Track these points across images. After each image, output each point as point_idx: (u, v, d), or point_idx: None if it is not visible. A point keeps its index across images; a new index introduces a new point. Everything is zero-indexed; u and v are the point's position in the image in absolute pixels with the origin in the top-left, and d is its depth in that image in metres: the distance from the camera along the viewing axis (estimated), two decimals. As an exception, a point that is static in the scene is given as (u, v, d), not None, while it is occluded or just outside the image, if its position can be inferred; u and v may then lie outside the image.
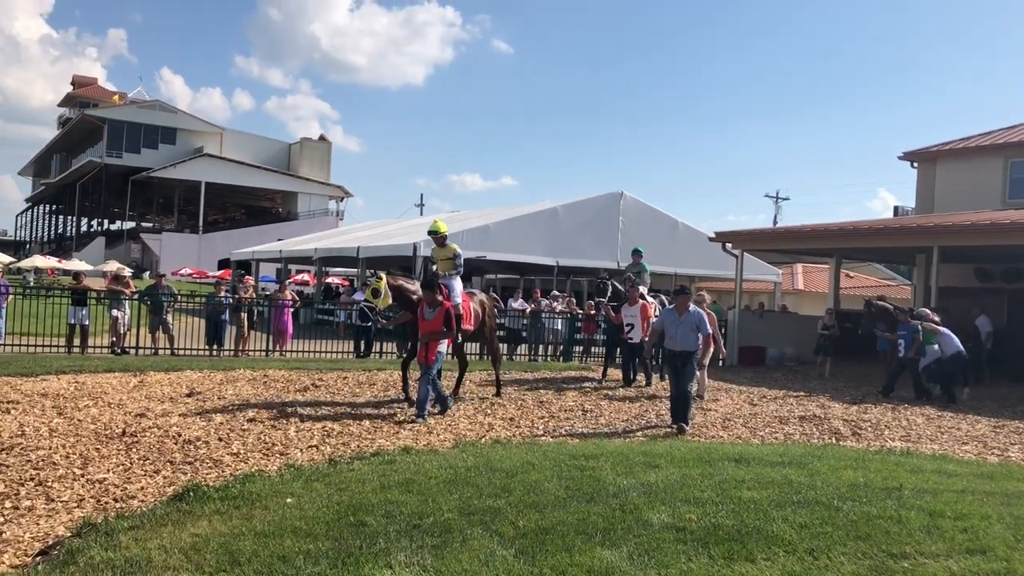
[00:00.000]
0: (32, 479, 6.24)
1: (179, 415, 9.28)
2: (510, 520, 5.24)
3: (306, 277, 47.57)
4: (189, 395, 10.87)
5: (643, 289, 15.19)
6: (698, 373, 12.75)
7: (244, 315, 18.38)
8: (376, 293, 10.40)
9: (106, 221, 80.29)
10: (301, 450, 7.75)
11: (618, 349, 15.55)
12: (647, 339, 13.43)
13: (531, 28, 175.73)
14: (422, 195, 74.88)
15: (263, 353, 17.91)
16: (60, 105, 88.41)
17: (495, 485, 6.17)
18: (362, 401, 11.09)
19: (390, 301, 10.51)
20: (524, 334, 20.92)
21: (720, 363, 18.04)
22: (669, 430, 10.13)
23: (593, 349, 20.26)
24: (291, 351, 18.32)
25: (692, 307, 10.34)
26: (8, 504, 5.56)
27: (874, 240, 20.41)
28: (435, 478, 6.38)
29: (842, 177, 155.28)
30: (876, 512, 5.48)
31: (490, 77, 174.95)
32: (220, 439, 8.06)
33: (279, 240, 47.27)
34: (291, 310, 19.73)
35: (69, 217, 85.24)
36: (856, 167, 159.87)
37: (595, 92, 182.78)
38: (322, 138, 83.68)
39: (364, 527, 5.01)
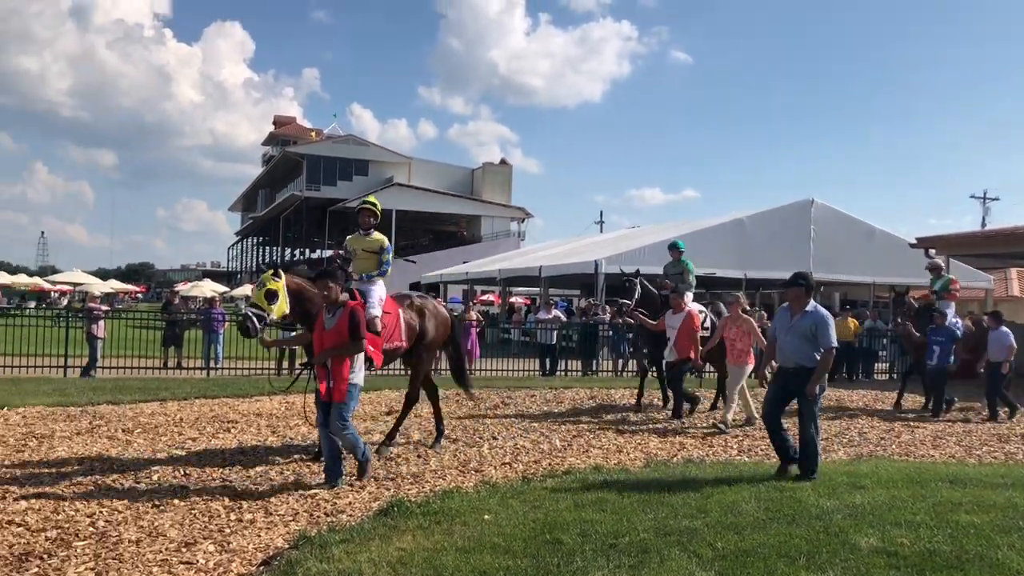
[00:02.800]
0: (252, 494, 6.71)
1: (380, 433, 9.72)
2: (708, 541, 5.13)
3: (491, 297, 48.70)
4: (388, 413, 11.36)
5: (689, 296, 12.38)
6: (733, 393, 10.76)
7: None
8: (270, 296, 7.51)
9: (307, 250, 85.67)
10: (495, 467, 7.92)
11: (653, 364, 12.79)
12: (759, 366, 10.85)
13: (710, 36, 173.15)
14: (601, 212, 75.16)
15: (454, 373, 18.43)
16: (263, 144, 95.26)
17: (690, 505, 6.07)
18: (550, 419, 11.19)
19: (287, 310, 7.62)
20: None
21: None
22: (875, 449, 9.59)
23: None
24: (479, 370, 18.78)
25: (812, 305, 7.45)
26: (233, 517, 6.01)
27: (1102, 239, 18.52)
28: (628, 497, 6.35)
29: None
30: (1121, 541, 4.96)
31: (669, 89, 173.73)
32: (419, 456, 8.37)
33: (464, 262, 48.66)
34: (476, 330, 20.25)
35: (274, 248, 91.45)
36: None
37: (779, 96, 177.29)
38: (503, 162, 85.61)
39: (560, 545, 5.05)
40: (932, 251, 21.14)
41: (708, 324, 12.44)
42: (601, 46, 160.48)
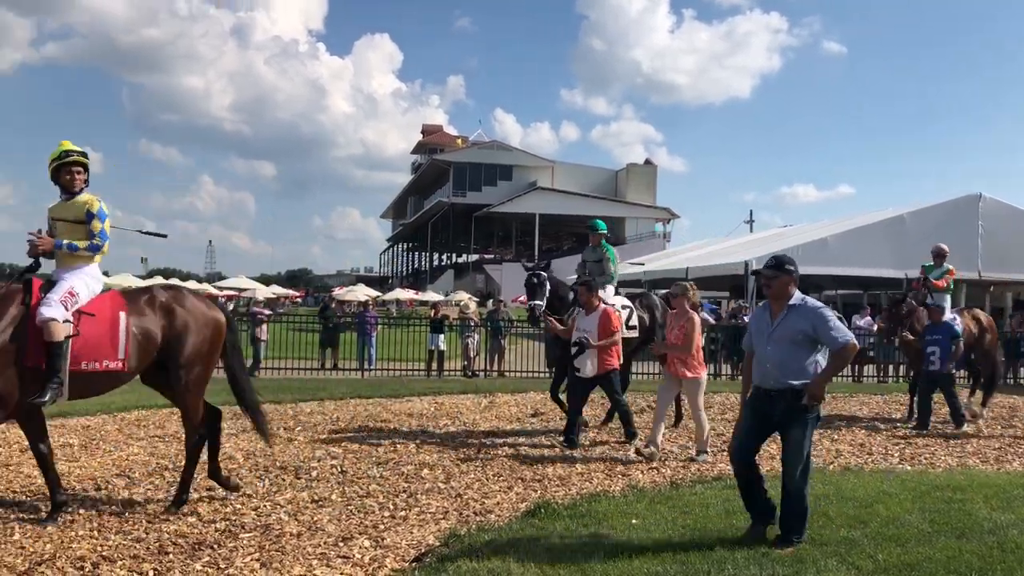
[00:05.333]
0: (404, 491, 6.90)
1: (526, 435, 9.80)
2: (868, 553, 4.90)
3: (637, 300, 48.15)
4: (533, 415, 11.45)
5: (608, 290, 10.12)
6: (699, 412, 8.58)
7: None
8: None
9: (454, 255, 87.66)
10: (642, 471, 7.83)
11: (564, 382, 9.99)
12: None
13: (866, 24, 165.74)
14: (751, 211, 72.25)
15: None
16: (412, 152, 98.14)
17: (848, 515, 5.82)
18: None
19: None
20: (871, 354, 19.59)
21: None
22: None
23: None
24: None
25: (799, 298, 5.41)
26: (386, 514, 6.20)
27: None
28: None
29: None
30: None
31: (822, 81, 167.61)
32: (565, 459, 8.38)
33: (609, 265, 48.37)
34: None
35: (423, 253, 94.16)
36: None
37: (942, 85, 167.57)
38: (647, 162, 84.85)
39: (710, 551, 4.95)
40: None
41: (635, 322, 10.35)
42: (749, 40, 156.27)
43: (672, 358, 8.71)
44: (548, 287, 9.72)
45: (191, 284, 59.77)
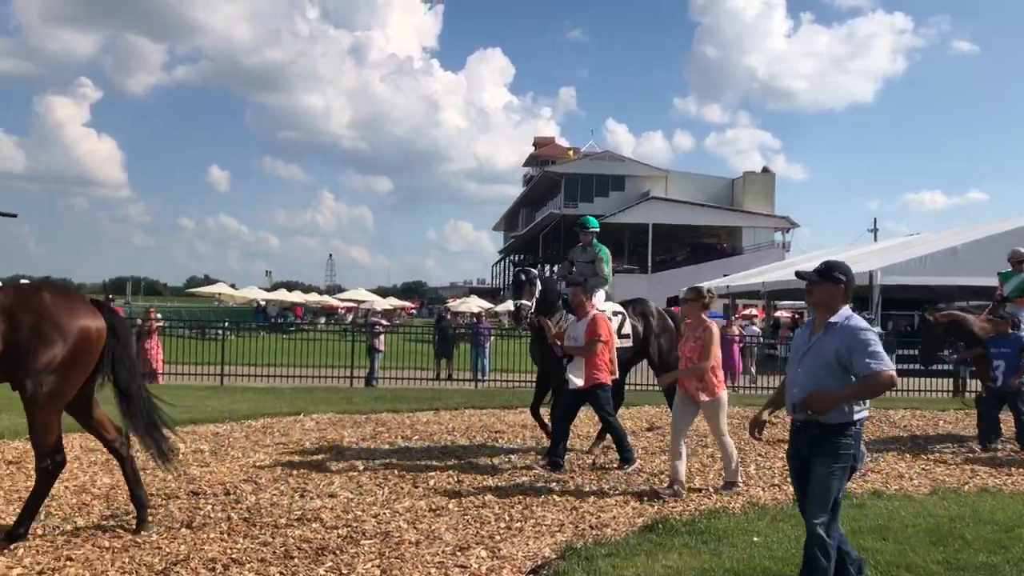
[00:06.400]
0: (520, 502, 6.92)
1: (642, 448, 9.67)
2: (1010, 581, 4.63)
3: (753, 311, 47.12)
4: (649, 429, 11.31)
5: (599, 295, 9.25)
6: (723, 438, 7.53)
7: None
8: None
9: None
10: (763, 488, 7.63)
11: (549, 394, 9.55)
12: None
13: (1000, 20, 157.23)
14: (875, 219, 69.93)
15: (715, 388, 18.06)
16: (524, 165, 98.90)
17: (987, 539, 5.53)
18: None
19: None
20: None
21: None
22: None
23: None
24: (743, 387, 18.23)
25: (844, 314, 4.43)
26: (502, 524, 6.23)
27: None
28: (913, 527, 5.88)
29: None
30: None
31: (951, 83, 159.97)
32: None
33: (724, 275, 47.52)
34: (739, 345, 19.70)
35: (535, 265, 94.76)
36: None
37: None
38: (765, 170, 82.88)
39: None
40: None
41: (627, 331, 9.46)
42: (871, 42, 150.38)
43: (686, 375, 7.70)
44: (538, 286, 8.89)
45: (313, 296, 62.12)
